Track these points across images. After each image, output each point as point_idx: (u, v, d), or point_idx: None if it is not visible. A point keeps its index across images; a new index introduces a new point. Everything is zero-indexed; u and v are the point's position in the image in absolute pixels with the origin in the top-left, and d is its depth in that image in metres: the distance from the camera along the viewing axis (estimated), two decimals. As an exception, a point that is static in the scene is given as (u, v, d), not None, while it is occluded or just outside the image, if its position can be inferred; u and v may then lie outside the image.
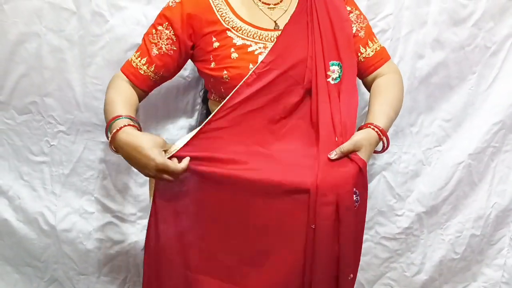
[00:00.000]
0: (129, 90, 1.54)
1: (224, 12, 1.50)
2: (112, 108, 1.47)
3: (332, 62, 1.51)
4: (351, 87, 1.54)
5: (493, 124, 2.12)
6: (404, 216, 2.16)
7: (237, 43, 1.47)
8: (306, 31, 1.51)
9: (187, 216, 1.48)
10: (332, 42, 1.52)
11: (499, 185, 2.21)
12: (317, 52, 1.49)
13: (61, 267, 1.99)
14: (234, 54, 1.46)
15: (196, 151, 1.42)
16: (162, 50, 1.53)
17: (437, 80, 2.05)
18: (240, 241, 1.45)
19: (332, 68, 1.50)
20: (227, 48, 1.47)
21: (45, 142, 1.88)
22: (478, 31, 2.01)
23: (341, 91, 1.51)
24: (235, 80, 1.44)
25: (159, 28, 1.52)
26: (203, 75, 1.57)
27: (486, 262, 2.31)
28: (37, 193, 1.92)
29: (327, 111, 1.46)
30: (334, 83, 1.50)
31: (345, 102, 1.50)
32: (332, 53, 1.52)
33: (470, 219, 2.21)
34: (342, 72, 1.52)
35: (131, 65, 1.55)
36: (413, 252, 2.21)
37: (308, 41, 1.50)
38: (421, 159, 2.13)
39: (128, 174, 1.92)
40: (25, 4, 1.75)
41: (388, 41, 1.96)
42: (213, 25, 1.49)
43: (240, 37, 1.48)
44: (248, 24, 1.50)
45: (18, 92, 1.83)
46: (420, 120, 2.09)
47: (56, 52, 1.79)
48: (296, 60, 1.47)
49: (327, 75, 1.49)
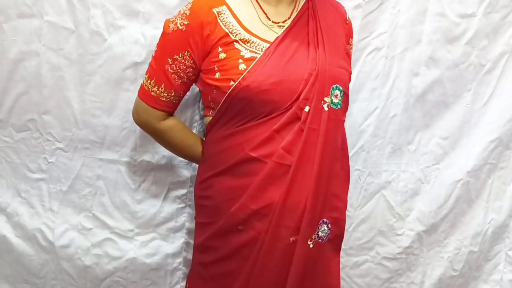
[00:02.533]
0: (179, 125, 1.66)
1: (231, 25, 1.48)
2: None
3: (337, 85, 1.51)
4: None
5: (490, 142, 2.13)
6: (404, 236, 2.16)
7: (245, 56, 1.45)
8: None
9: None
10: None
11: (495, 202, 2.22)
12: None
13: (60, 283, 1.98)
14: (242, 65, 1.43)
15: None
16: (184, 79, 1.55)
17: (433, 98, 2.07)
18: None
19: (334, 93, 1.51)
20: (234, 60, 1.45)
21: (43, 159, 1.89)
22: (471, 49, 2.04)
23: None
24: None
25: (176, 57, 1.51)
26: (205, 87, 1.53)
27: (483, 277, 2.31)
28: (35, 210, 1.92)
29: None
30: (337, 109, 1.51)
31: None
32: (335, 73, 1.52)
33: (468, 236, 2.22)
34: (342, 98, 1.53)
35: (150, 94, 1.57)
36: (413, 271, 2.21)
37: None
38: (420, 178, 2.14)
39: (126, 191, 1.93)
40: (24, 23, 1.77)
41: (383, 59, 1.98)
42: (221, 39, 1.47)
43: (248, 49, 1.46)
44: (256, 37, 1.48)
45: (16, 110, 1.84)
46: (418, 138, 2.10)
47: (55, 70, 1.81)
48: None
49: (324, 100, 1.49)
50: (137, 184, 1.93)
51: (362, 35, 1.95)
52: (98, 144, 1.87)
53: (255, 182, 1.46)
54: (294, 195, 1.45)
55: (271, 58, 1.45)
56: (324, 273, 1.57)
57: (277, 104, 1.44)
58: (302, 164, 1.46)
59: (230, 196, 1.51)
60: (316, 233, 1.50)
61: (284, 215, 1.46)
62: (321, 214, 1.50)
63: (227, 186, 1.52)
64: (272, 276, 1.49)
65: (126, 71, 1.80)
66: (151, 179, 1.93)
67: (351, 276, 2.16)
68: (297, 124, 1.45)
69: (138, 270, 1.98)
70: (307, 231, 1.47)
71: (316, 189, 1.46)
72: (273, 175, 1.45)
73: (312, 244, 1.50)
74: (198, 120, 1.92)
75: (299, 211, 1.46)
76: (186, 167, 1.95)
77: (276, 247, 1.47)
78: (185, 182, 1.95)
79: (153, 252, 1.98)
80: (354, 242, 2.13)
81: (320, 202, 1.49)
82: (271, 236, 1.46)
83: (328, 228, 1.53)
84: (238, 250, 1.51)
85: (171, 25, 1.51)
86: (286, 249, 1.47)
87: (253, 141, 1.46)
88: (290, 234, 1.47)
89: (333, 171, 1.52)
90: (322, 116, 1.47)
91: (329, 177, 1.50)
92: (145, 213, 1.96)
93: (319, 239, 1.51)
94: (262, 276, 1.49)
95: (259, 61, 1.44)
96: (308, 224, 1.47)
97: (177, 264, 2.02)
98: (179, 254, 2.01)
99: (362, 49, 1.97)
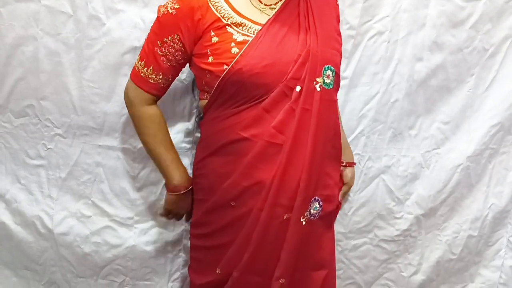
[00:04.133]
0: (157, 118, 1.65)
1: (223, 9, 1.50)
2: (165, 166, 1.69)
3: (328, 66, 1.52)
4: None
5: (491, 126, 2.13)
6: (403, 219, 2.16)
7: (237, 39, 1.47)
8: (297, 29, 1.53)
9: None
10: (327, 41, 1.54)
11: (496, 187, 2.22)
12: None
13: (59, 270, 1.98)
14: (234, 49, 1.45)
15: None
16: (173, 62, 1.56)
17: (436, 83, 2.06)
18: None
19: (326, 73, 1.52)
20: (226, 43, 1.47)
21: (41, 145, 1.87)
22: (476, 33, 2.02)
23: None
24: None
25: (165, 40, 1.53)
26: (198, 71, 1.56)
27: (483, 263, 2.31)
28: (34, 197, 1.92)
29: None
30: (329, 89, 1.52)
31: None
32: (327, 54, 1.53)
33: (467, 220, 2.22)
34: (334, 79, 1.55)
35: (140, 75, 1.58)
36: (411, 252, 2.22)
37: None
38: (420, 162, 2.13)
39: (125, 178, 1.92)
40: (22, 8, 1.75)
41: (385, 43, 1.96)
42: (213, 23, 1.48)
43: (241, 33, 1.48)
44: (248, 20, 1.50)
45: (15, 96, 1.82)
46: (419, 123, 2.10)
47: (52, 55, 1.79)
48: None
49: (316, 80, 1.50)
50: (136, 171, 1.92)
51: (364, 19, 1.93)
52: (97, 130, 1.86)
53: (246, 160, 1.50)
54: (288, 174, 1.49)
55: (263, 41, 1.47)
56: (316, 249, 1.61)
57: (269, 86, 1.47)
58: (296, 144, 1.49)
59: (222, 174, 1.55)
60: (308, 211, 1.54)
61: (279, 194, 1.50)
62: (314, 192, 1.54)
63: (219, 165, 1.57)
64: (267, 253, 1.54)
65: (125, 56, 1.78)
66: (150, 166, 1.91)
67: (349, 258, 2.17)
68: (288, 103, 1.47)
69: (138, 258, 1.98)
70: (300, 209, 1.51)
71: (310, 169, 1.50)
72: (265, 154, 1.49)
73: (305, 221, 1.53)
74: (197, 107, 1.91)
75: (293, 190, 1.50)
76: (186, 153, 1.94)
77: (271, 225, 1.52)
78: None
79: (153, 240, 1.98)
80: (353, 226, 2.13)
81: (314, 181, 1.53)
82: (266, 215, 1.50)
83: (320, 206, 1.56)
84: (231, 224, 1.57)
85: (162, 9, 1.53)
86: (280, 226, 1.52)
87: (244, 122, 1.49)
88: (284, 212, 1.51)
89: (325, 150, 1.55)
90: (314, 96, 1.49)
91: (322, 156, 1.54)
92: (144, 200, 1.95)
93: (311, 216, 1.55)
94: (258, 254, 1.53)
95: (251, 44, 1.46)
96: (302, 202, 1.51)
97: (177, 252, 2.03)
98: (179, 241, 2.01)
99: (364, 33, 1.95)
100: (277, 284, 1.54)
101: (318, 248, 1.61)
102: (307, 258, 1.58)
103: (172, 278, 2.05)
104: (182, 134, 1.92)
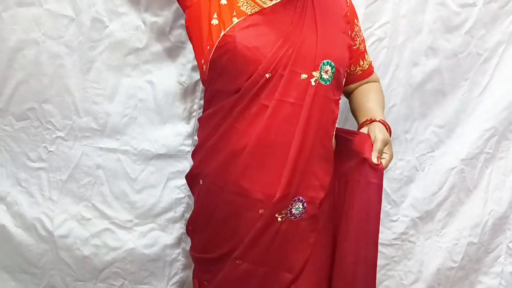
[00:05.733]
0: None
1: None
2: None
3: (328, 61, 1.50)
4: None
5: (484, 130, 2.15)
6: (399, 222, 2.17)
7: (241, 7, 1.47)
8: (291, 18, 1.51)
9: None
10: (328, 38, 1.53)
11: (495, 192, 2.23)
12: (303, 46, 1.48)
13: (58, 273, 1.98)
14: (234, 18, 1.46)
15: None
16: None
17: (431, 87, 2.08)
18: None
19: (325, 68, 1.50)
20: (229, 15, 1.47)
21: (43, 148, 1.88)
22: (470, 38, 2.05)
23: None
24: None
25: None
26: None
27: (483, 270, 2.31)
28: (35, 199, 1.92)
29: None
30: (326, 85, 1.50)
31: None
32: (327, 50, 1.51)
33: (467, 226, 2.22)
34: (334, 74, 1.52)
35: None
36: (410, 259, 2.22)
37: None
38: (415, 165, 2.15)
39: (125, 180, 1.92)
40: (24, 11, 1.76)
41: (385, 49, 1.99)
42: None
43: (245, 6, 1.48)
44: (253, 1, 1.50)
45: (16, 99, 1.83)
46: (415, 127, 2.12)
47: (55, 58, 1.80)
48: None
49: (311, 74, 1.48)
50: (136, 173, 1.93)
51: (365, 25, 1.94)
52: (99, 132, 1.87)
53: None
54: (268, 167, 1.47)
55: (249, 27, 1.46)
56: (289, 250, 1.54)
57: (248, 72, 1.45)
58: (278, 139, 1.46)
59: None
60: (288, 209, 1.50)
61: (254, 188, 1.48)
62: (296, 190, 1.49)
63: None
64: (228, 234, 1.54)
65: (127, 57, 1.81)
66: (150, 169, 1.93)
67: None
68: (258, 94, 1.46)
69: (137, 261, 1.98)
70: (277, 204, 1.47)
71: (294, 165, 1.46)
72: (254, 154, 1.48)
73: (281, 218, 1.50)
74: (197, 110, 1.92)
75: (271, 184, 1.47)
76: (186, 156, 1.95)
77: (244, 216, 1.50)
78: (184, 172, 1.93)
79: (152, 243, 1.98)
80: (349, 228, 2.13)
81: (297, 179, 1.48)
82: (241, 206, 1.50)
83: (303, 207, 1.51)
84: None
85: None
86: (252, 219, 1.50)
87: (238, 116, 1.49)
88: (261, 206, 1.48)
89: (314, 148, 1.50)
90: (308, 91, 1.46)
91: (310, 154, 1.49)
92: (144, 203, 1.95)
93: (292, 216, 1.50)
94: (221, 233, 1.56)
95: (243, 20, 1.45)
96: (280, 198, 1.47)
97: (176, 255, 2.03)
98: (178, 245, 2.02)
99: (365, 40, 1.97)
100: (234, 263, 1.54)
101: (292, 250, 1.54)
102: (277, 256, 1.54)
103: (171, 282, 2.05)
104: (182, 137, 1.93)
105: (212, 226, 1.57)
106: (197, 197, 1.64)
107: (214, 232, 1.58)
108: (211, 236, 1.59)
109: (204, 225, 1.60)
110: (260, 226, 1.49)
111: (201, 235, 1.64)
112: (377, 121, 1.56)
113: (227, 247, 1.55)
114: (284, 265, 1.55)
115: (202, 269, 1.68)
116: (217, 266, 1.58)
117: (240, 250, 1.52)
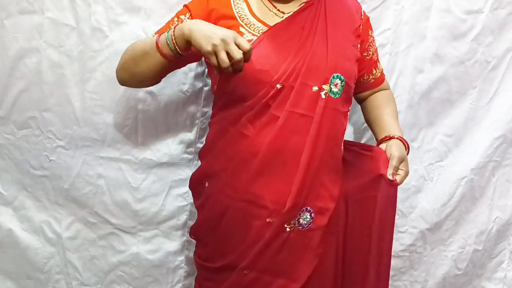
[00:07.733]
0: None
1: (241, 9, 1.52)
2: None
3: (338, 74, 1.51)
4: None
5: (494, 139, 2.13)
6: (407, 233, 2.15)
7: (247, 38, 1.47)
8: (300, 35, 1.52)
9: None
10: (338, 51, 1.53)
11: (500, 199, 2.22)
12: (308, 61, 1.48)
13: (64, 278, 1.98)
14: None
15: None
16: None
17: (438, 95, 2.06)
18: None
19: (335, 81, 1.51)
20: None
21: (44, 157, 1.87)
22: (477, 45, 2.03)
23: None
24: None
25: (181, 17, 1.54)
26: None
27: (486, 275, 2.30)
28: (42, 203, 1.92)
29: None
30: (336, 98, 1.51)
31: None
32: (337, 63, 1.52)
33: (472, 234, 2.21)
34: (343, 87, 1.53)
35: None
36: (416, 269, 2.20)
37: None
38: (423, 175, 2.13)
39: (127, 189, 1.92)
40: (25, 20, 1.76)
41: (387, 56, 1.97)
42: (228, 19, 1.50)
43: (251, 33, 1.49)
44: (260, 22, 1.51)
45: (17, 107, 1.83)
46: (422, 135, 2.09)
47: (55, 67, 1.80)
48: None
49: (321, 87, 1.49)
50: (138, 182, 1.92)
51: (366, 32, 1.93)
52: (99, 142, 1.87)
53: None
54: (278, 176, 1.49)
55: (263, 43, 1.47)
56: (295, 259, 1.55)
57: (257, 87, 1.47)
58: (288, 149, 1.48)
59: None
60: (296, 219, 1.51)
61: (264, 197, 1.49)
62: (305, 201, 1.51)
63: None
64: (236, 243, 1.54)
65: (128, 68, 1.79)
66: (152, 178, 1.92)
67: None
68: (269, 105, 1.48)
69: (141, 266, 1.98)
70: (287, 214, 1.49)
71: (304, 175, 1.48)
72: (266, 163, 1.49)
73: (289, 228, 1.51)
74: (199, 117, 1.91)
75: (281, 194, 1.49)
76: (188, 164, 1.94)
77: (252, 225, 1.51)
78: (187, 180, 1.92)
79: (156, 249, 1.98)
80: (356, 240, 2.11)
81: (306, 189, 1.50)
82: (250, 213, 1.51)
83: (311, 218, 1.53)
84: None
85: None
86: (260, 228, 1.51)
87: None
88: (268, 215, 1.50)
89: (324, 159, 1.52)
90: (318, 103, 1.48)
91: (319, 165, 1.51)
92: (146, 211, 1.95)
93: (300, 226, 1.52)
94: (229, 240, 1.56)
95: (252, 44, 1.45)
96: (290, 209, 1.48)
97: (178, 262, 2.02)
98: (181, 252, 2.01)
99: (366, 46, 1.96)
100: (241, 273, 1.53)
101: (299, 259, 1.55)
102: (283, 265, 1.54)
103: (174, 289, 2.05)
104: (184, 145, 1.92)
105: (218, 234, 1.58)
106: (202, 203, 1.64)
107: (221, 240, 1.58)
108: (217, 245, 1.60)
109: (210, 233, 1.60)
110: (269, 236, 1.50)
111: (207, 243, 1.64)
112: (395, 138, 1.63)
113: (233, 256, 1.55)
114: (291, 275, 1.55)
115: (205, 277, 1.67)
116: (222, 275, 1.58)
117: (248, 260, 1.52)
